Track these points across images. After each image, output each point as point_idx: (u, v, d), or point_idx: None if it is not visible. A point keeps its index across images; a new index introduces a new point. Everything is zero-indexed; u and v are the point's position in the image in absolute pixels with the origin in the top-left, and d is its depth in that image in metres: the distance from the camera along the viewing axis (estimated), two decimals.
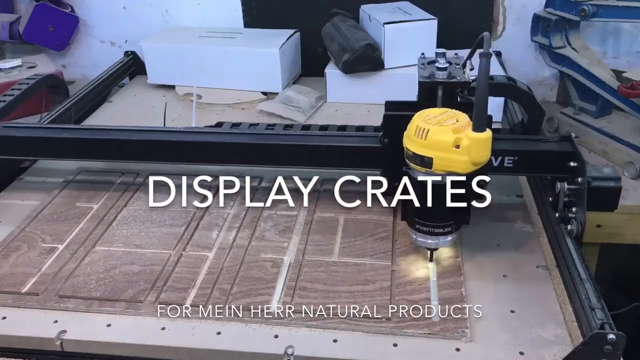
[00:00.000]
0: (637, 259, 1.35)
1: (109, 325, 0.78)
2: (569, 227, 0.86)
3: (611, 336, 0.65)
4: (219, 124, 1.14)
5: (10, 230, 0.98)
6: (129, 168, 1.15)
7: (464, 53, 0.94)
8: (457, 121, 0.76)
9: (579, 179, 0.85)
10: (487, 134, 0.74)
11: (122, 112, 1.45)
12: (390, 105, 0.91)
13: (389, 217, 0.97)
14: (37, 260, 0.90)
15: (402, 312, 0.77)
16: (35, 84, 1.33)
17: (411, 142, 0.77)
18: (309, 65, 1.58)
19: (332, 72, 1.44)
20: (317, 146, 0.99)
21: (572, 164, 0.87)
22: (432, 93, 0.86)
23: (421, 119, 0.77)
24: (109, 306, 0.81)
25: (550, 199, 0.92)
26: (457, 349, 0.73)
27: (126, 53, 1.68)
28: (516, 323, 0.76)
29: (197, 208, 1.02)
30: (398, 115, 0.87)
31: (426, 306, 0.78)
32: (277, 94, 1.47)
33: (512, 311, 0.78)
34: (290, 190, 1.06)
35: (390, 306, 0.78)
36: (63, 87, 1.47)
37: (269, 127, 1.14)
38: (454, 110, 0.79)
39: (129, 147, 1.03)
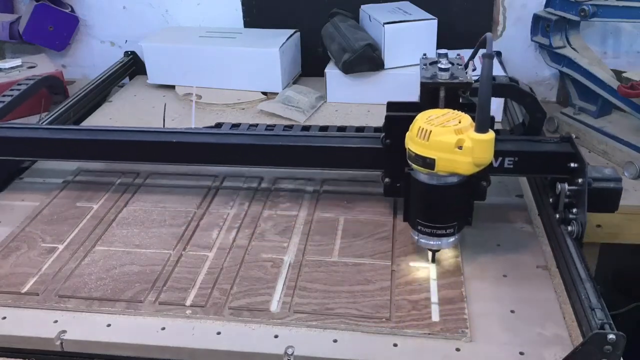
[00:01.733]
0: (637, 259, 1.35)
1: (109, 325, 0.78)
2: (569, 228, 0.85)
3: (611, 336, 0.65)
4: (218, 125, 1.14)
5: (10, 230, 0.98)
6: (129, 168, 1.15)
7: (465, 53, 0.94)
8: (460, 122, 0.75)
9: (580, 180, 0.84)
10: (490, 135, 0.74)
11: (122, 112, 1.45)
12: (392, 106, 0.90)
13: (389, 217, 0.97)
14: (37, 260, 0.90)
15: (402, 312, 0.77)
16: (34, 85, 1.32)
17: (413, 143, 0.77)
18: (309, 65, 1.58)
19: (332, 72, 1.44)
20: (318, 147, 0.98)
21: (572, 165, 0.87)
22: (434, 94, 0.86)
23: (423, 120, 0.77)
24: (109, 306, 0.81)
25: (551, 199, 0.92)
26: (457, 349, 0.73)
27: (126, 53, 1.68)
28: (516, 323, 0.76)
29: (197, 208, 1.02)
30: (400, 116, 0.87)
31: (426, 306, 0.79)
32: (277, 94, 1.47)
33: (512, 311, 0.78)
34: (290, 190, 1.07)
35: (390, 306, 0.79)
36: (62, 88, 1.47)
37: (268, 127, 1.14)
38: (456, 111, 0.79)
39: (128, 148, 1.03)
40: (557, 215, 0.89)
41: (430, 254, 0.87)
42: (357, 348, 0.73)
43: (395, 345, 0.73)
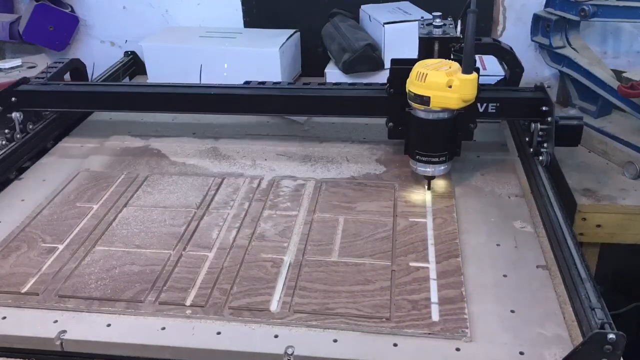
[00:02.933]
0: (637, 259, 1.35)
1: (109, 325, 0.78)
2: (540, 157, 1.04)
3: (611, 336, 0.65)
4: (247, 83, 1.24)
5: (10, 230, 0.98)
6: (128, 168, 1.16)
7: None
8: (450, 67, 0.93)
9: (549, 119, 1.03)
10: (474, 75, 0.92)
11: (121, 114, 1.44)
12: (395, 61, 1.08)
13: (389, 217, 0.97)
14: (37, 260, 0.90)
15: (402, 312, 0.78)
16: (64, 67, 1.39)
17: (413, 85, 0.95)
18: (309, 65, 1.58)
19: (332, 72, 1.44)
20: (332, 97, 1.16)
21: (544, 108, 1.05)
22: (429, 47, 1.04)
23: (421, 66, 0.95)
24: (109, 306, 0.81)
25: (527, 139, 1.10)
26: (457, 349, 0.73)
27: (126, 53, 1.68)
28: (516, 323, 0.76)
29: (197, 208, 1.02)
30: (402, 68, 1.02)
31: (426, 306, 0.79)
32: None
33: (512, 311, 0.78)
34: (290, 190, 1.07)
35: (390, 306, 0.79)
36: (85, 72, 1.50)
37: (290, 84, 1.31)
38: (447, 60, 0.98)
39: (175, 99, 1.21)
40: (532, 150, 1.07)
41: (426, 182, 1.03)
42: (357, 348, 0.73)
43: (395, 345, 0.73)
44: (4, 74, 1.52)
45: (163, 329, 0.77)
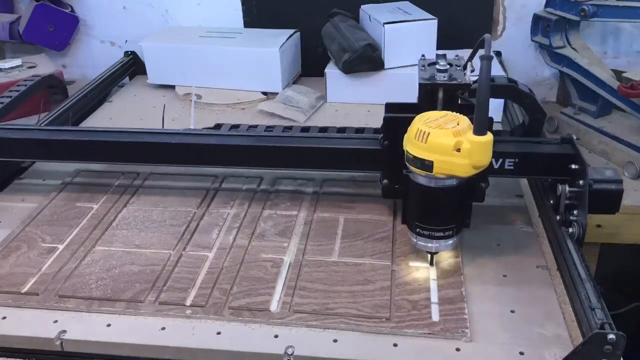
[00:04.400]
0: (637, 259, 1.35)
1: (109, 325, 0.78)
2: (570, 229, 0.85)
3: (611, 336, 0.65)
4: (217, 126, 1.13)
5: (10, 230, 0.98)
6: (129, 168, 1.15)
7: (464, 53, 0.93)
8: (458, 124, 0.75)
9: (581, 182, 0.84)
10: (488, 137, 0.73)
11: (122, 112, 1.45)
12: (390, 107, 0.90)
13: (389, 217, 0.97)
14: (37, 260, 0.90)
15: (402, 312, 0.77)
16: (34, 85, 1.32)
17: (412, 145, 0.77)
18: (309, 65, 1.58)
19: (332, 72, 1.44)
20: (317, 148, 0.98)
21: (573, 166, 0.87)
22: (432, 95, 0.85)
23: (422, 121, 0.76)
24: (109, 306, 0.81)
25: (552, 201, 0.91)
26: (457, 349, 0.73)
27: (126, 53, 1.68)
28: (516, 323, 0.76)
29: (197, 208, 1.02)
30: (398, 117, 0.86)
31: (426, 306, 0.79)
32: (277, 94, 1.47)
33: (512, 311, 0.78)
34: (290, 190, 1.07)
35: (390, 306, 0.79)
36: (62, 87, 1.47)
37: (268, 128, 1.12)
38: (454, 113, 0.79)
39: (127, 149, 1.02)
40: (558, 217, 0.88)
41: (429, 256, 0.86)
42: (357, 348, 0.73)
43: (395, 345, 0.73)
44: (4, 74, 1.52)
45: (163, 329, 0.77)
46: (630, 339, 0.66)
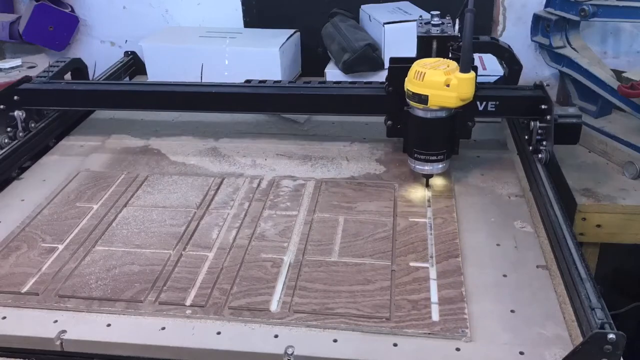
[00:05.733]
0: (637, 259, 1.35)
1: (109, 325, 0.78)
2: (540, 155, 1.04)
3: (611, 336, 0.65)
4: (247, 81, 1.25)
5: (10, 230, 0.98)
6: (128, 168, 1.15)
7: None
8: (448, 66, 0.94)
9: (548, 117, 1.03)
10: (471, 74, 0.92)
11: (122, 112, 1.44)
12: (393, 60, 1.09)
13: (389, 217, 0.97)
14: (37, 260, 0.90)
15: (402, 312, 0.78)
16: (65, 66, 1.39)
17: (411, 84, 0.96)
18: (309, 65, 1.58)
19: (332, 72, 1.44)
20: (332, 95, 1.17)
21: (543, 106, 1.05)
22: (428, 46, 1.04)
23: (419, 65, 0.95)
24: (109, 306, 0.81)
25: (526, 137, 1.11)
26: (457, 349, 0.73)
27: (126, 53, 1.68)
28: (516, 323, 0.76)
29: (197, 208, 1.02)
30: (400, 66, 1.03)
31: (426, 306, 0.79)
32: None
33: (512, 311, 0.78)
34: (290, 190, 1.07)
35: (390, 306, 0.79)
36: (86, 71, 1.50)
37: (291, 82, 1.31)
38: (445, 59, 0.98)
39: (176, 97, 1.22)
40: (531, 148, 1.08)
41: (425, 180, 1.04)
42: (357, 348, 0.73)
43: (395, 345, 0.73)
44: (4, 74, 1.52)
45: (163, 329, 0.77)
46: (630, 338, 0.66)
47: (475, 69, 0.95)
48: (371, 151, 1.19)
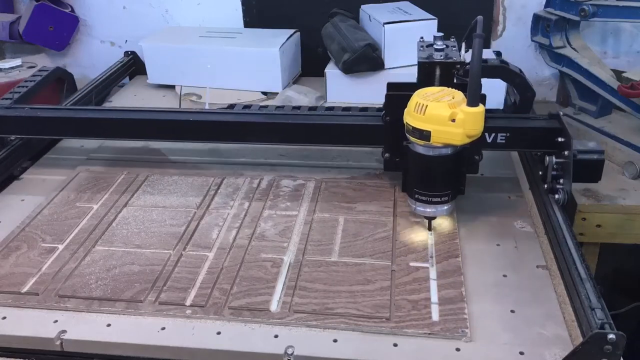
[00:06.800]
0: (637, 259, 1.35)
1: (109, 325, 0.78)
2: (556, 196, 0.92)
3: (611, 336, 0.65)
4: (231, 106, 1.18)
5: (10, 230, 0.98)
6: (128, 168, 1.15)
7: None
8: (453, 98, 0.83)
9: (566, 152, 0.91)
10: (480, 108, 0.81)
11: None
12: (391, 86, 0.97)
13: (389, 217, 0.97)
14: (37, 260, 0.90)
15: (402, 312, 0.77)
16: (48, 76, 1.35)
17: (411, 117, 0.84)
18: (309, 65, 1.58)
19: (332, 72, 1.44)
20: (324, 125, 1.05)
21: (559, 139, 0.93)
22: (430, 73, 0.93)
23: (420, 96, 0.84)
24: (109, 306, 0.81)
25: (540, 172, 0.99)
26: (457, 349, 0.73)
27: (126, 53, 1.68)
28: (516, 323, 0.76)
29: (197, 208, 1.02)
30: (399, 94, 0.92)
31: (426, 306, 0.79)
32: (277, 93, 1.47)
33: (512, 311, 0.78)
34: (290, 190, 1.07)
35: (390, 306, 0.79)
36: (72, 80, 1.48)
37: (278, 108, 1.16)
38: (450, 88, 0.86)
39: (147, 126, 1.11)
40: (546, 186, 0.96)
41: (427, 222, 0.93)
42: (357, 348, 0.73)
43: (395, 345, 0.73)
44: (4, 74, 1.52)
45: (163, 329, 0.77)
46: (630, 339, 0.66)
47: (484, 98, 0.85)
48: (371, 151, 1.19)
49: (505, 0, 1.53)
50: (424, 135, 0.83)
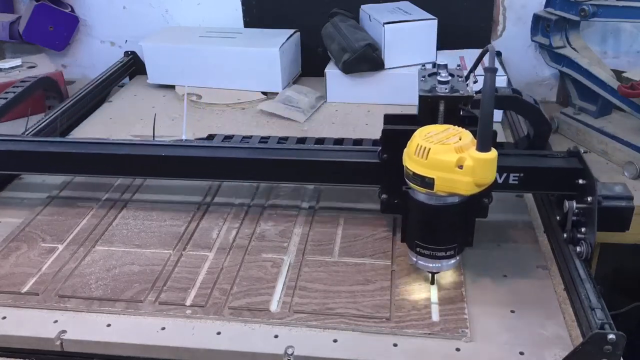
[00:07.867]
0: (637, 259, 1.35)
1: (109, 325, 0.78)
2: (578, 248, 0.81)
3: (611, 336, 0.65)
4: (210, 137, 1.09)
5: (10, 230, 0.98)
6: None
7: (465, 53, 0.92)
8: (460, 139, 0.70)
9: (589, 198, 0.80)
10: (493, 154, 0.68)
11: (122, 112, 1.45)
12: (389, 118, 0.85)
13: (389, 217, 0.97)
14: (37, 260, 0.90)
15: (402, 312, 0.77)
16: (30, 87, 1.32)
17: (412, 161, 0.72)
18: (309, 65, 1.58)
19: (332, 72, 1.44)
20: (313, 162, 0.93)
21: (581, 181, 0.83)
22: (433, 108, 0.81)
23: (422, 136, 0.72)
24: (109, 306, 0.81)
25: (558, 217, 0.88)
26: (457, 349, 0.73)
27: (126, 53, 1.68)
28: (516, 323, 0.76)
29: (197, 208, 1.02)
30: (397, 130, 0.82)
31: (426, 306, 0.79)
32: (277, 94, 1.47)
33: (512, 311, 0.78)
34: (290, 190, 1.07)
35: (390, 306, 0.79)
36: (58, 89, 1.47)
37: (262, 140, 1.08)
38: (456, 127, 0.74)
39: (114, 161, 0.98)
40: (565, 235, 0.84)
41: (430, 275, 0.83)
42: (357, 348, 0.73)
43: (395, 345, 0.73)
44: (4, 74, 1.51)
45: (163, 329, 0.77)
46: (630, 339, 0.66)
47: (494, 135, 0.71)
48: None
49: (505, 0, 1.53)
50: (427, 182, 0.70)
